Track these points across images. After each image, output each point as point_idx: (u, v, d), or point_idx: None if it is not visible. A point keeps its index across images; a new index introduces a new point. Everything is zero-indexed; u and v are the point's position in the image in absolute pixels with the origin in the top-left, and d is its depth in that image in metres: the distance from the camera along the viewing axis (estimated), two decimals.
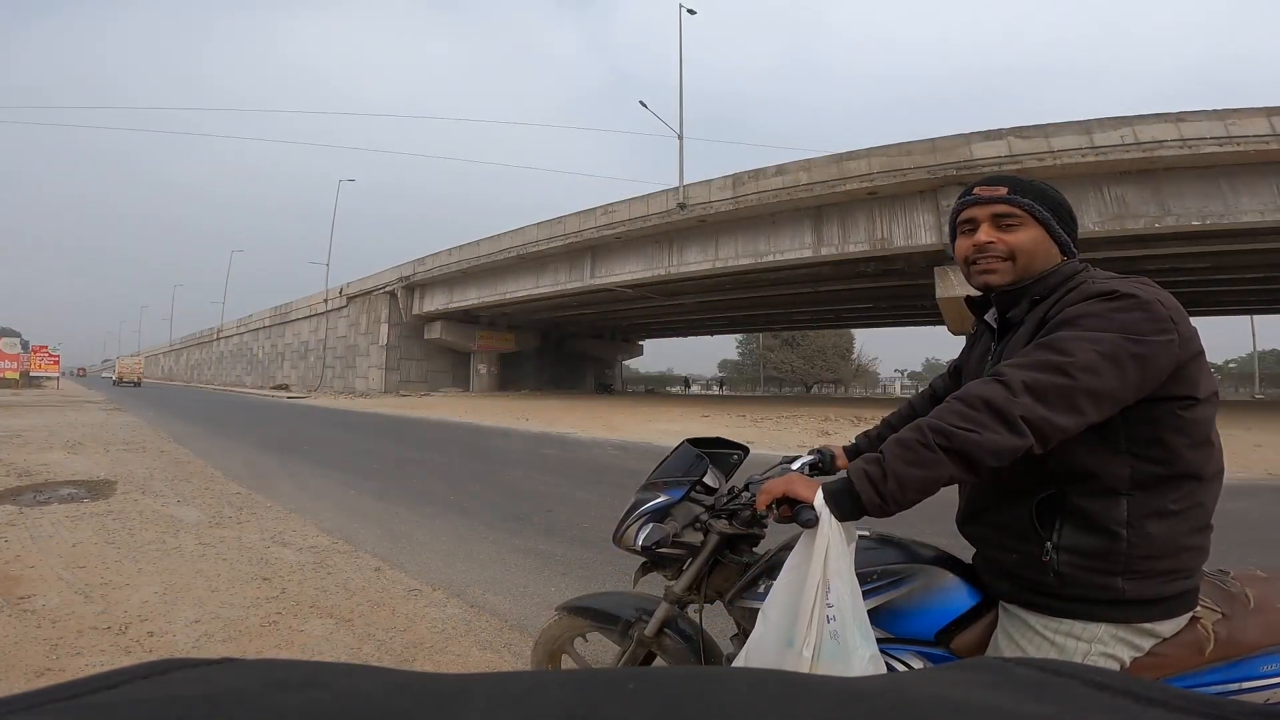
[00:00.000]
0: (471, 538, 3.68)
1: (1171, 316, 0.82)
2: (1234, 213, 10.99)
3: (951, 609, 0.98)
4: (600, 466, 7.00)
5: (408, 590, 2.76)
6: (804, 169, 14.18)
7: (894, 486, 0.81)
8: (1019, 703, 0.31)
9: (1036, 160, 11.51)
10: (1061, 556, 0.87)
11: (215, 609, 2.45)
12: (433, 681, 0.32)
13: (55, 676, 1.89)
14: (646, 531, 1.15)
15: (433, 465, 6.72)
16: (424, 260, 25.67)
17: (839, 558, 0.85)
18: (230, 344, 50.45)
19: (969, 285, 1.05)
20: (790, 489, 0.89)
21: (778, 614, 0.89)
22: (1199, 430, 0.86)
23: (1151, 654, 0.87)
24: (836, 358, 51.26)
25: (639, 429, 11.36)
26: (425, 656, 2.14)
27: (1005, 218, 0.98)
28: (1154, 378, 0.81)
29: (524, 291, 22.27)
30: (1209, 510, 0.88)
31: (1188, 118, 10.73)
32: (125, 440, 7.99)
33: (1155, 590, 0.85)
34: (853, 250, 14.41)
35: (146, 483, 5.05)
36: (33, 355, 28.07)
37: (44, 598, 2.49)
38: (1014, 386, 0.80)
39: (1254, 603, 0.91)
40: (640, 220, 17.02)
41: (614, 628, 1.30)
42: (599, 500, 4.87)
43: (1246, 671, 0.87)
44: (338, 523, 3.94)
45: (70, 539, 3.33)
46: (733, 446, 1.34)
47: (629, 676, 0.32)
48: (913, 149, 12.92)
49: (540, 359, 33.86)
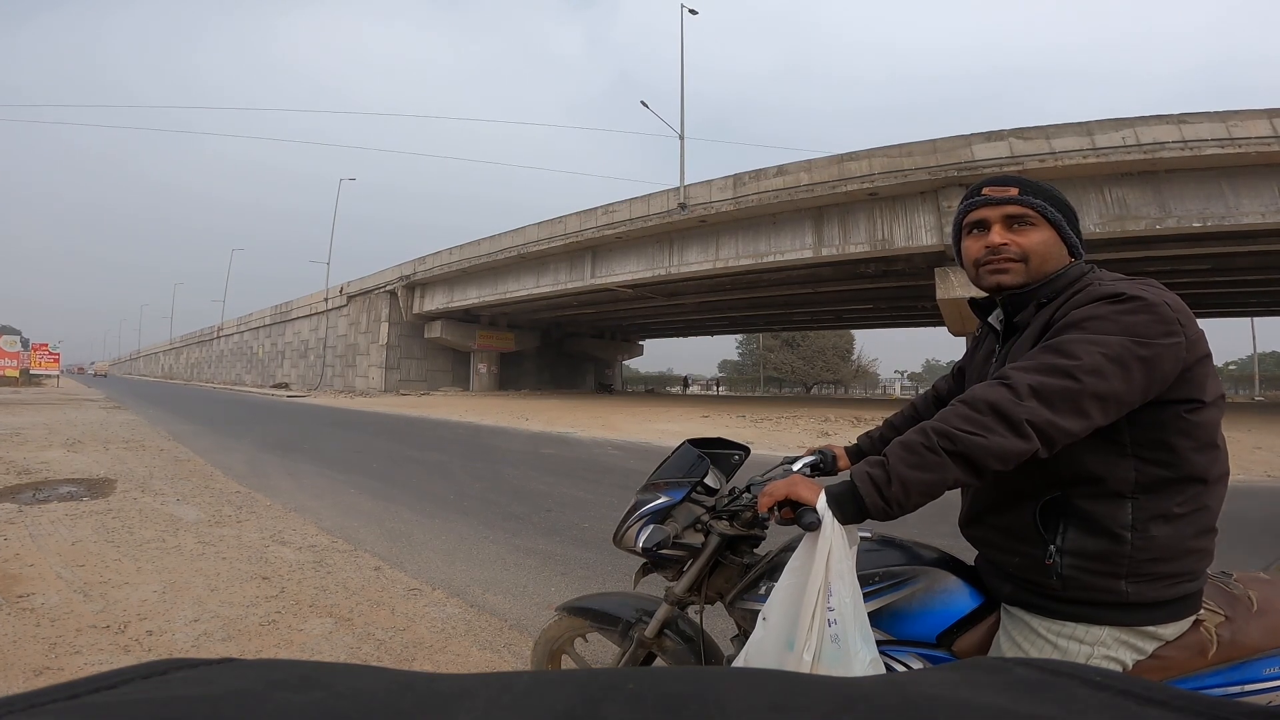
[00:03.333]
0: (471, 537, 3.68)
1: (1179, 319, 0.81)
2: (1235, 214, 10.99)
3: (953, 611, 0.98)
4: (600, 466, 6.99)
5: (407, 590, 2.76)
6: (805, 169, 14.18)
7: (898, 490, 0.81)
8: (1019, 703, 0.31)
9: (1038, 161, 11.51)
10: (1065, 559, 0.86)
11: (215, 608, 2.45)
12: (432, 681, 0.32)
13: (54, 675, 1.89)
14: (647, 533, 1.15)
15: (432, 464, 6.71)
16: (424, 259, 25.67)
17: (841, 560, 0.85)
18: (230, 343, 50.44)
19: (973, 286, 1.04)
20: (793, 491, 0.89)
21: (778, 617, 0.88)
22: (1205, 433, 0.85)
23: (1154, 657, 0.87)
24: (836, 358, 51.22)
25: (639, 429, 11.36)
26: (425, 656, 2.14)
27: (1017, 219, 0.97)
28: (1161, 381, 0.81)
29: (524, 291, 22.27)
30: (1214, 514, 0.88)
31: (1189, 119, 10.73)
32: (125, 438, 8.00)
33: (1159, 593, 0.85)
34: (853, 251, 14.41)
35: (146, 481, 5.05)
36: (33, 353, 28.06)
37: (43, 596, 2.49)
38: (1019, 390, 0.79)
39: (1257, 605, 0.91)
40: (641, 220, 17.03)
41: (614, 628, 1.30)
42: (599, 500, 4.87)
43: (1249, 674, 0.87)
44: (337, 522, 3.94)
45: (69, 537, 3.33)
46: (734, 447, 1.33)
47: (629, 677, 0.32)
48: (914, 150, 12.92)
49: (540, 358, 33.85)
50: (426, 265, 25.42)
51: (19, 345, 27.72)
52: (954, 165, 12.40)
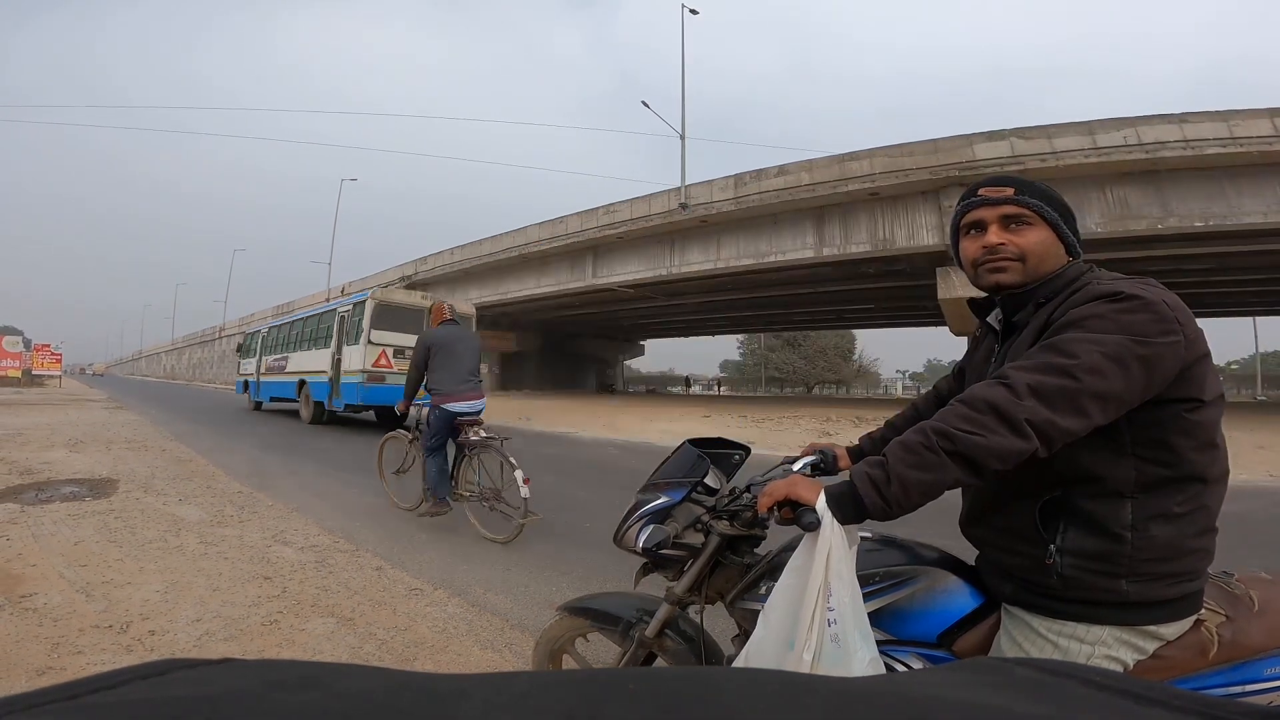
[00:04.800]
0: (473, 537, 3.68)
1: (1177, 318, 0.81)
2: (1236, 214, 10.97)
3: (954, 611, 0.98)
4: (602, 466, 6.99)
5: (409, 589, 2.76)
6: (806, 169, 14.18)
7: (897, 490, 0.81)
8: (1018, 703, 0.31)
9: (1039, 161, 11.51)
10: (1065, 559, 0.86)
11: (217, 608, 2.45)
12: (433, 681, 0.32)
13: (56, 675, 1.89)
14: (647, 533, 1.15)
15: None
16: (426, 259, 25.71)
17: (841, 561, 0.85)
18: (232, 342, 50.52)
19: (972, 287, 1.04)
20: (792, 491, 0.89)
21: (778, 617, 0.88)
22: (1204, 433, 0.85)
23: (1155, 656, 0.87)
24: (838, 358, 51.21)
25: (640, 429, 11.36)
26: (426, 656, 2.14)
27: (1014, 219, 0.97)
28: (1160, 380, 0.81)
29: (526, 291, 22.29)
30: (1214, 513, 0.87)
31: (1190, 119, 10.72)
32: (127, 439, 8.01)
33: (1159, 593, 0.84)
34: (854, 251, 14.42)
35: (148, 481, 5.06)
36: (35, 353, 28.12)
37: (45, 596, 2.49)
38: (1018, 389, 0.79)
39: (1258, 605, 0.90)
40: (642, 220, 17.05)
41: (615, 628, 1.30)
42: (600, 500, 4.87)
43: (1250, 674, 0.87)
44: (339, 522, 3.95)
45: (72, 537, 3.34)
46: (734, 447, 1.33)
47: (629, 677, 0.32)
48: (915, 149, 12.92)
49: (542, 359, 33.87)
50: (428, 265, 25.45)
51: (21, 346, 27.78)
52: (955, 165, 12.40)
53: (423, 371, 4.00)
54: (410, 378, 4.06)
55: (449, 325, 4.14)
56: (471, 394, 4.00)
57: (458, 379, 3.96)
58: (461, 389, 3.95)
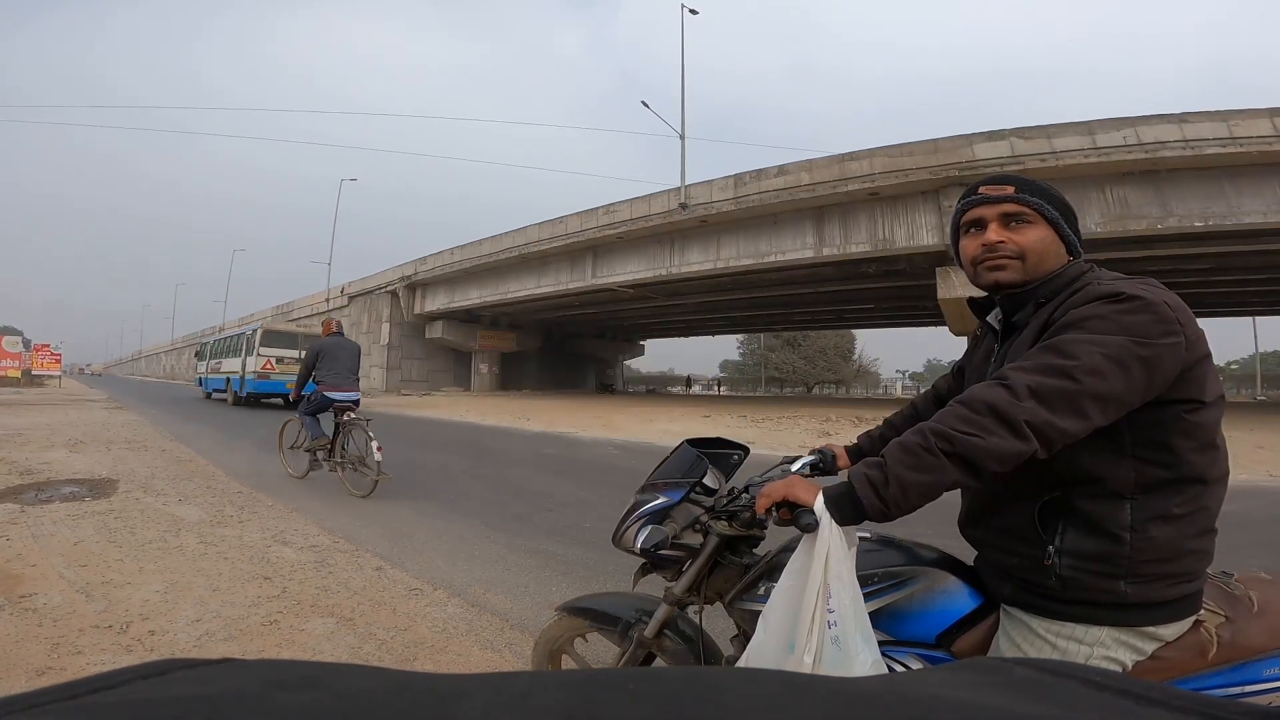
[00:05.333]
0: (473, 537, 3.68)
1: (1178, 318, 0.81)
2: (1236, 214, 10.96)
3: (953, 611, 0.98)
4: (601, 466, 7.00)
5: (409, 590, 2.76)
6: (806, 169, 14.17)
7: (896, 491, 0.80)
8: (1018, 703, 0.31)
9: (1039, 161, 11.49)
10: (1064, 560, 0.86)
11: (216, 608, 2.46)
12: (432, 681, 0.32)
13: (56, 675, 1.89)
14: (646, 533, 1.15)
15: (433, 464, 6.72)
16: (426, 260, 25.68)
17: (840, 562, 0.85)
18: None
19: (972, 286, 1.04)
20: (790, 492, 0.89)
21: (778, 620, 0.88)
22: (1205, 434, 0.85)
23: (1154, 657, 0.87)
24: (838, 358, 51.15)
25: (640, 429, 11.36)
26: (426, 656, 2.15)
27: (1014, 217, 0.97)
28: (1160, 381, 0.80)
29: (525, 291, 22.27)
30: (1213, 514, 0.87)
31: (1190, 119, 10.70)
32: (127, 439, 8.00)
33: (1159, 594, 0.84)
34: (854, 251, 14.40)
35: (148, 481, 5.06)
36: (34, 353, 28.10)
37: (45, 596, 2.49)
38: (1018, 390, 0.79)
39: (1258, 606, 0.90)
40: (642, 220, 17.03)
41: (614, 628, 1.30)
42: (600, 500, 4.87)
43: (1250, 675, 0.87)
44: (339, 522, 3.95)
45: (72, 537, 3.34)
46: (733, 447, 1.33)
47: (629, 677, 0.32)
48: (914, 149, 12.91)
49: (542, 359, 33.86)
50: (428, 265, 25.43)
51: (21, 346, 27.76)
52: (955, 165, 12.39)
53: (311, 368, 5.19)
54: (300, 373, 5.28)
55: (335, 336, 5.36)
56: (348, 386, 5.22)
57: (338, 375, 5.18)
58: (341, 382, 5.18)
